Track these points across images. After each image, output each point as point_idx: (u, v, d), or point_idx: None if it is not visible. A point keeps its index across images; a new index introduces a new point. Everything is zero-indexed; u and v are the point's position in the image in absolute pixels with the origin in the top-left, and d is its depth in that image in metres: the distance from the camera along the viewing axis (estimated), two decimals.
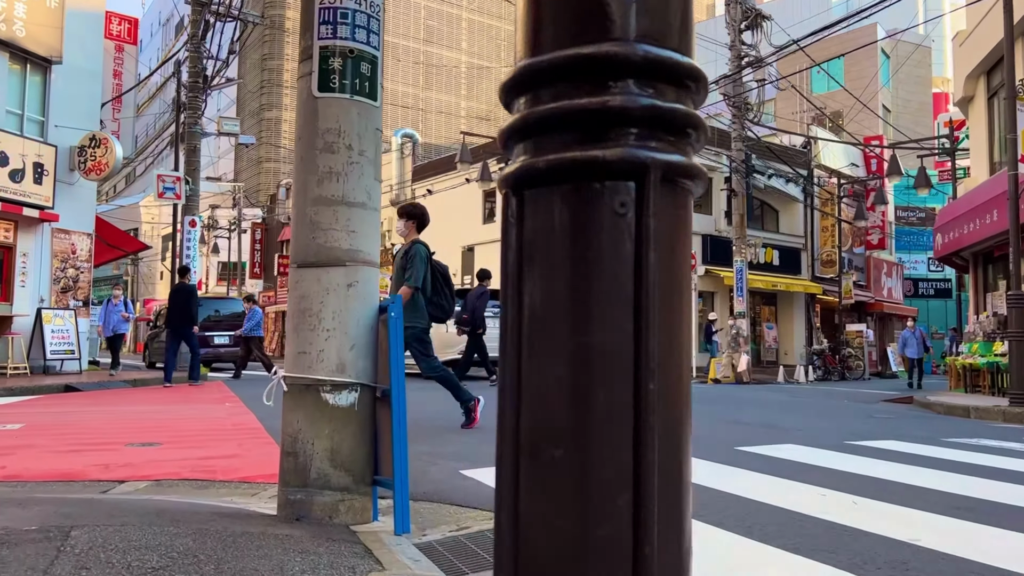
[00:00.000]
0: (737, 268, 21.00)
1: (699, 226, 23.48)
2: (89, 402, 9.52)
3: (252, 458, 5.24)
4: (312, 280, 3.20)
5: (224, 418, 7.51)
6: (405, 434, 3.09)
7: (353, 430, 3.18)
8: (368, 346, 3.26)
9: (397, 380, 3.11)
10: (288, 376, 3.25)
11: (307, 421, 3.17)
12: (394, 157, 30.53)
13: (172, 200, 16.21)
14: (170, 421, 7.25)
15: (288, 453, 3.22)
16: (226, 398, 10.12)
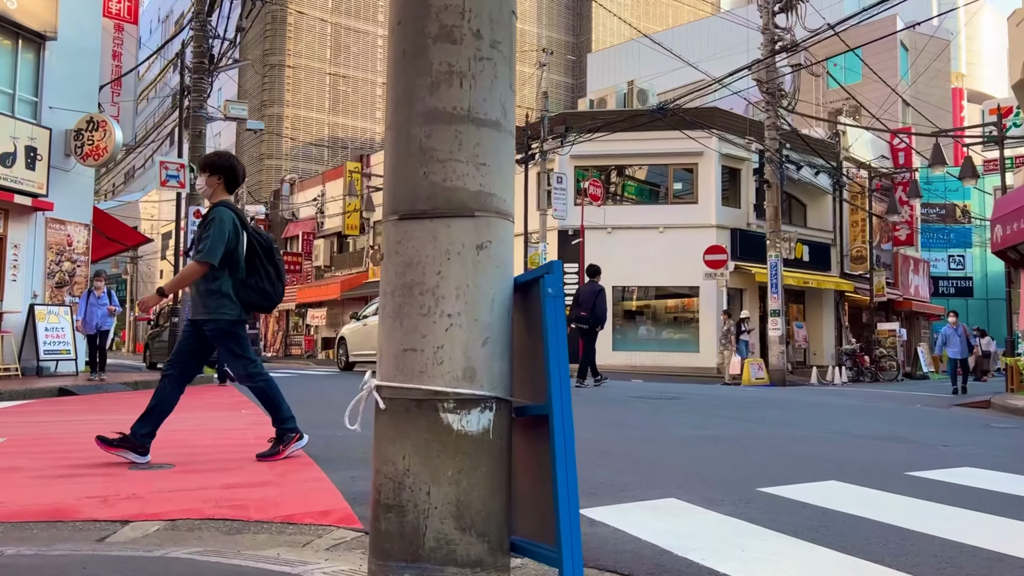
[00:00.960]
0: (771, 264, 19.90)
1: (728, 220, 22.36)
2: (85, 409, 8.38)
3: (291, 487, 4.11)
4: (424, 239, 2.07)
5: (244, 429, 6.37)
6: (575, 479, 1.97)
7: (487, 470, 2.05)
8: (506, 340, 2.14)
9: (560, 392, 1.99)
10: (386, 386, 2.12)
11: (420, 457, 2.04)
12: None
13: (176, 188, 15.07)
14: (181, 434, 6.11)
15: (388, 506, 2.08)
16: (240, 403, 8.99)
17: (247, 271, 4.84)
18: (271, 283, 4.97)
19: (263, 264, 4.90)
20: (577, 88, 70.07)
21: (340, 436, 5.93)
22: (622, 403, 9.24)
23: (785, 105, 19.78)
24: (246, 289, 4.84)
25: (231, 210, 4.77)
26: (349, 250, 33.82)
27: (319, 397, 10.04)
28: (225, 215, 4.70)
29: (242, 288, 4.82)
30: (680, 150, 22.13)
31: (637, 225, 22.15)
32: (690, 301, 22.47)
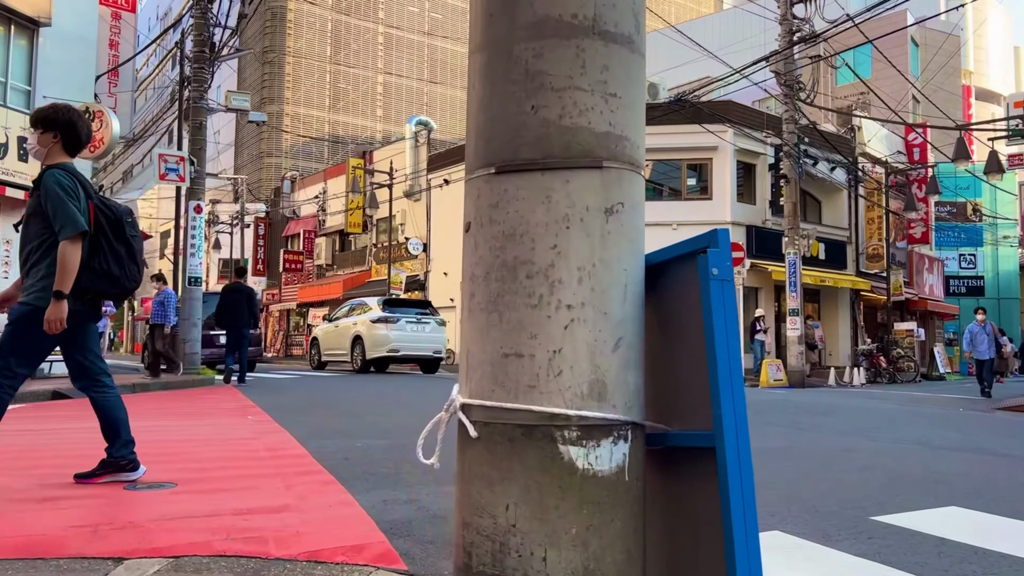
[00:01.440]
0: (790, 261, 19.32)
1: (744, 216, 21.76)
2: (79, 414, 7.77)
3: (314, 513, 3.51)
4: (533, 199, 1.48)
5: (252, 439, 5.77)
6: (756, 539, 1.38)
7: (622, 525, 1.46)
8: (640, 341, 1.54)
9: (734, 417, 1.40)
10: (478, 406, 1.53)
11: (531, 507, 1.44)
12: (408, 145, 28.77)
13: (175, 182, 14.45)
14: (182, 443, 5.51)
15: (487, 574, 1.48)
16: (244, 408, 8.39)
17: (89, 251, 3.88)
18: (120, 265, 4.03)
19: (111, 242, 3.98)
20: None
21: (360, 448, 5.34)
22: None
23: (803, 98, 19.17)
24: (87, 272, 3.88)
25: (65, 174, 3.81)
26: (351, 248, 33.21)
27: (331, 400, 9.45)
28: (59, 181, 3.75)
29: (82, 271, 3.85)
30: (694, 144, 21.55)
31: (649, 222, 21.37)
32: None
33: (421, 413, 8.51)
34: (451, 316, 26.97)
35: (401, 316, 16.73)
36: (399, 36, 68.03)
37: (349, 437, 5.82)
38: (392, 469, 4.48)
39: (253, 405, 8.60)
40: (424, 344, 16.95)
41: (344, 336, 17.83)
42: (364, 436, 5.86)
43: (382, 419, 7.22)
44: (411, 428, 6.76)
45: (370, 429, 6.36)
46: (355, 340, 17.18)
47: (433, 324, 17.32)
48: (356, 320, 17.53)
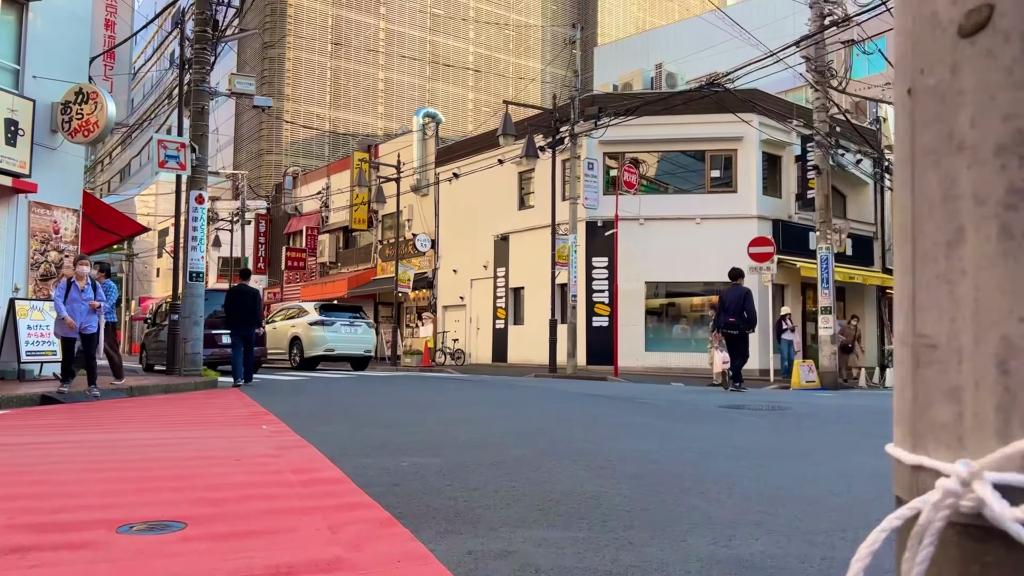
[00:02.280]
0: (822, 257, 18.34)
1: (768, 210, 20.82)
2: (69, 423, 6.82)
3: (378, 571, 2.54)
4: None
5: (274, 456, 4.80)
6: None
7: None
8: None
9: None
10: None
11: None
12: (415, 138, 27.81)
13: (175, 170, 13.48)
14: (191, 462, 4.54)
15: None
16: (255, 414, 7.43)
17: None
18: None
19: None
20: (583, 83, 68.48)
21: (408, 469, 4.37)
22: (724, 418, 7.68)
23: (836, 84, 18.23)
24: None
25: None
26: (355, 246, 32.23)
27: (351, 406, 8.47)
28: None
29: None
30: (718, 135, 20.61)
31: (672, 216, 20.61)
32: None
33: (463, 421, 7.48)
34: (461, 315, 26.09)
35: (336, 319, 18.63)
36: (400, 32, 67.17)
37: (390, 453, 4.86)
38: (461, 500, 3.52)
39: (265, 412, 7.63)
40: (357, 344, 18.83)
41: (283, 337, 19.24)
42: (408, 452, 4.90)
43: (420, 429, 6.25)
44: (461, 442, 5.70)
45: (412, 443, 5.40)
46: (293, 340, 18.88)
47: (364, 327, 19.25)
48: (294, 323, 19.18)
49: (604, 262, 20.75)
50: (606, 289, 20.74)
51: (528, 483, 3.89)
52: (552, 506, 3.39)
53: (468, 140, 27.48)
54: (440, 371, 20.90)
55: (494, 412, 7.83)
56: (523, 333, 23.17)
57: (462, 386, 12.67)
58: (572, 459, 4.64)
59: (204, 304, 14.24)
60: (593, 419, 7.18)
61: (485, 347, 24.64)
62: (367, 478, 3.99)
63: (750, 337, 13.86)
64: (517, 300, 23.92)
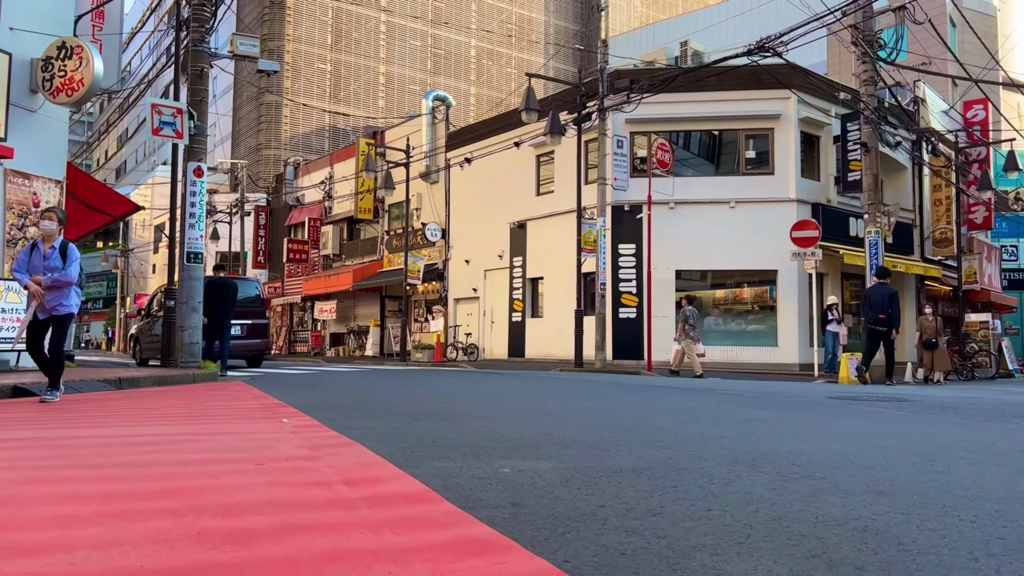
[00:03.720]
0: (870, 242, 17.01)
1: (806, 193, 19.42)
2: (34, 416, 5.39)
3: None
4: None
5: (310, 457, 3.38)
6: None
7: None
8: None
9: None
10: None
11: None
12: (424, 122, 26.36)
13: (171, 138, 12.04)
14: (192, 469, 3.11)
15: None
16: (270, 406, 6.01)
17: None
18: None
19: None
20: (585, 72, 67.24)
21: (514, 477, 2.96)
22: (856, 411, 6.28)
23: (886, 56, 16.86)
24: None
25: None
26: (360, 237, 30.78)
27: (384, 395, 7.04)
28: None
29: None
30: (753, 112, 19.21)
31: (704, 199, 19.19)
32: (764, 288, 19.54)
33: (535, 413, 5.75)
34: (474, 307, 24.67)
35: None
36: (402, 25, 65.94)
37: (473, 455, 3.45)
38: (653, 537, 2.11)
39: (281, 403, 6.22)
40: None
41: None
42: (497, 454, 3.49)
43: (489, 423, 4.84)
44: (560, 439, 3.47)
45: (493, 440, 3.99)
46: None
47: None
48: None
49: (631, 249, 19.34)
50: (633, 278, 19.33)
51: (735, 504, 2.49)
52: (833, 547, 2.00)
53: (481, 123, 26.04)
54: (454, 366, 19.49)
55: (564, 404, 6.42)
56: (542, 326, 21.73)
57: (498, 379, 11.27)
58: (752, 465, 3.24)
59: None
60: (699, 412, 5.79)
61: (500, 341, 23.20)
62: (462, 493, 2.59)
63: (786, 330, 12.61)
64: (535, 291, 22.49)
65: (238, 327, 17.08)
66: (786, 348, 18.78)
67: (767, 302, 19.35)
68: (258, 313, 17.10)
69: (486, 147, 22.83)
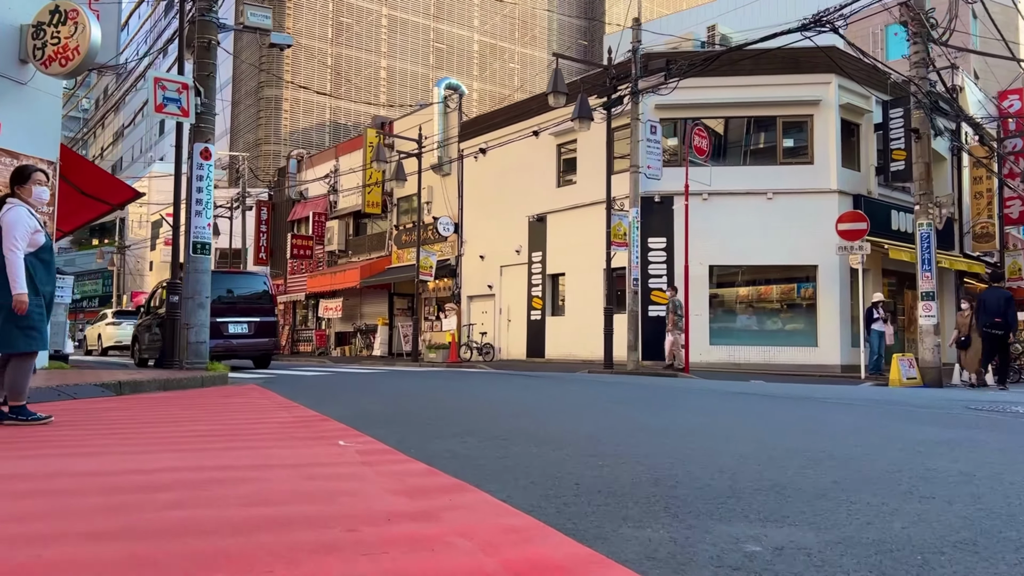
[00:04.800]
0: (922, 235, 15.84)
1: (847, 184, 18.31)
2: (29, 442, 4.24)
3: None
4: None
5: (428, 517, 2.24)
6: None
7: None
8: None
9: None
10: None
11: None
12: (436, 111, 25.21)
13: (175, 116, 10.90)
14: (271, 553, 1.95)
15: None
16: (307, 420, 4.87)
17: None
18: None
19: None
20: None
21: (781, 562, 1.80)
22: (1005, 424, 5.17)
23: (938, 37, 15.77)
24: None
25: None
26: (367, 232, 29.61)
27: (454, 411, 5.91)
28: None
29: None
30: (792, 98, 18.10)
31: (739, 190, 18.07)
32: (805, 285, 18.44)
33: (641, 428, 3.75)
34: (489, 305, 23.52)
35: (123, 320, 26.98)
36: (403, 19, 64.88)
37: (666, 511, 2.32)
38: None
39: (319, 415, 5.08)
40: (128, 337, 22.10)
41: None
42: (699, 509, 2.36)
43: (621, 449, 3.72)
44: (757, 480, 2.65)
45: (661, 480, 2.85)
46: (99, 336, 28.54)
47: (129, 323, 24.22)
48: (103, 323, 29.06)
49: (661, 243, 18.23)
50: (663, 274, 18.21)
51: None
52: None
53: (497, 111, 24.88)
54: (471, 367, 18.35)
55: (668, 419, 5.30)
56: (563, 325, 20.58)
57: (539, 383, 10.13)
58: None
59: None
60: (854, 431, 4.67)
61: (518, 341, 22.05)
62: None
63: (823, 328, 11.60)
64: (555, 288, 21.34)
65: (244, 325, 15.94)
66: (827, 348, 17.67)
67: (806, 299, 18.25)
68: (266, 310, 15.96)
69: (502, 137, 21.69)
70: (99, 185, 12.85)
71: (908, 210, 19.41)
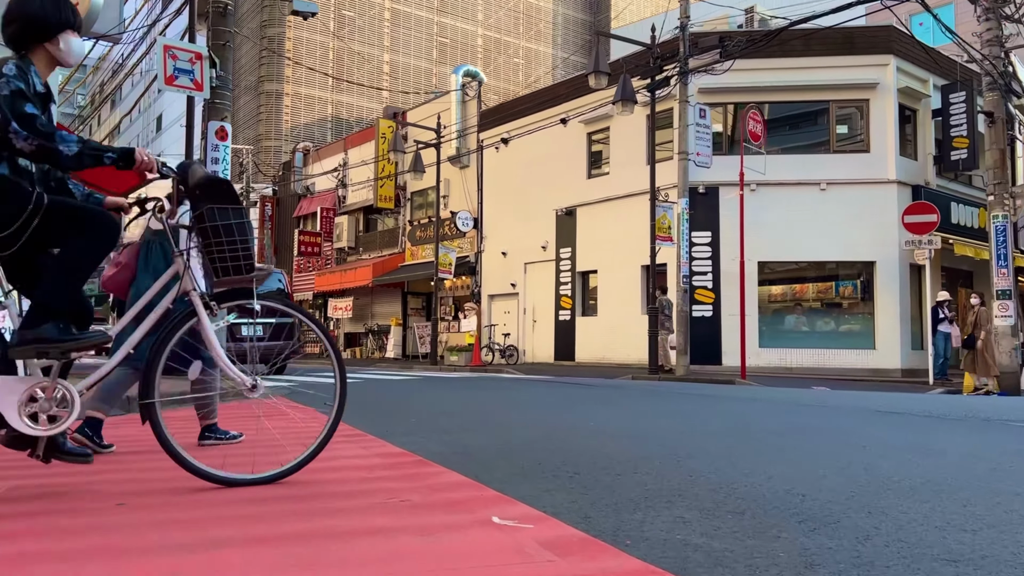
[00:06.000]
0: (997, 228, 14.62)
1: (905, 174, 17.03)
2: (25, 506, 2.91)
3: None
4: None
5: None
6: None
7: None
8: None
9: None
10: None
11: None
12: (454, 99, 23.89)
13: (188, 89, 9.57)
14: None
15: None
16: (398, 462, 3.54)
17: None
18: None
19: None
20: None
21: None
22: None
23: (1010, 12, 14.51)
24: None
25: None
26: (379, 228, 28.27)
27: (584, 449, 4.57)
28: None
29: None
30: (846, 81, 16.82)
31: (790, 180, 16.78)
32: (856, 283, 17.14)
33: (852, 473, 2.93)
34: (512, 305, 22.18)
35: None
36: (407, 13, 63.67)
37: None
38: None
39: (414, 456, 3.73)
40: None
41: None
42: None
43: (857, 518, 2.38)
44: None
45: None
46: None
47: None
48: None
49: (706, 237, 16.92)
50: (709, 271, 16.90)
51: None
52: None
53: (519, 99, 23.56)
54: (497, 371, 17.04)
55: (840, 449, 3.96)
56: (595, 325, 19.26)
57: (612, 395, 8.79)
58: None
59: None
60: (961, 452, 3.38)
61: (544, 343, 20.73)
62: None
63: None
64: (586, 286, 20.03)
65: (259, 327, 14.68)
66: (886, 351, 16.37)
67: (862, 299, 16.95)
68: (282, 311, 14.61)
69: (525, 126, 20.38)
70: (101, 170, 11.46)
71: (967, 202, 18.13)
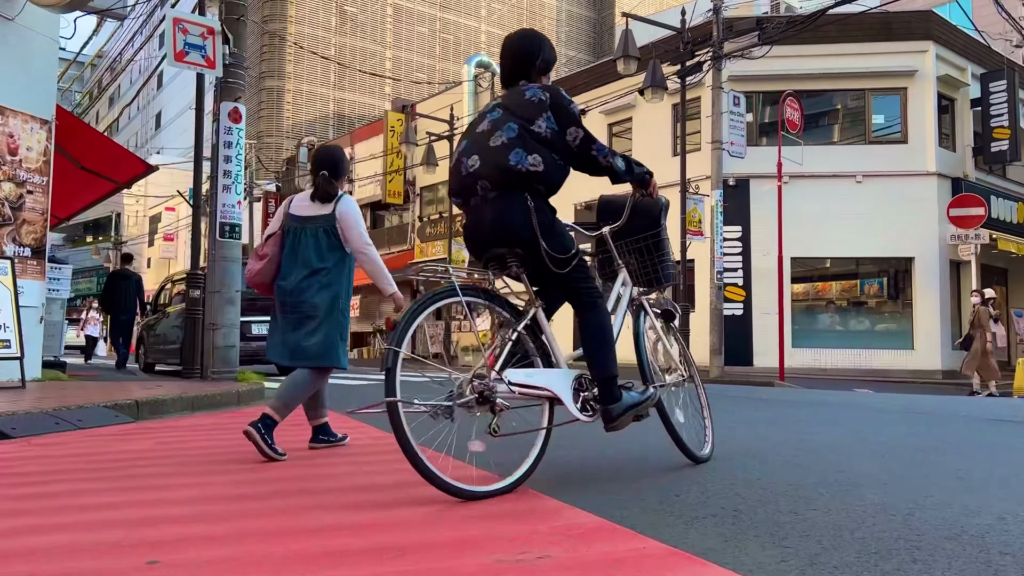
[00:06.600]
0: None
1: (944, 166, 16.29)
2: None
3: None
4: None
5: None
6: None
7: None
8: None
9: None
10: None
11: None
12: (466, 91, 23.12)
13: (199, 67, 8.80)
14: None
15: None
16: (544, 524, 2.76)
17: None
18: None
19: None
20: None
21: None
22: None
23: None
24: None
25: None
26: (386, 225, 27.49)
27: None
28: None
29: None
30: (883, 68, 16.08)
31: (825, 172, 16.03)
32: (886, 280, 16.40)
33: None
34: None
35: None
36: (409, 9, 63.11)
37: None
38: None
39: (607, 524, 2.95)
40: None
41: None
42: None
43: None
44: None
45: None
46: None
47: None
48: None
49: (737, 232, 16.17)
50: (739, 267, 16.16)
51: None
52: None
53: None
54: None
55: None
56: None
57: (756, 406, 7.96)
58: None
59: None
60: None
61: (563, 341, 19.92)
62: None
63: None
64: None
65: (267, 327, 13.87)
66: (925, 351, 15.63)
67: (901, 296, 16.21)
68: None
69: None
70: (102, 157, 10.68)
71: (1008, 196, 17.41)
